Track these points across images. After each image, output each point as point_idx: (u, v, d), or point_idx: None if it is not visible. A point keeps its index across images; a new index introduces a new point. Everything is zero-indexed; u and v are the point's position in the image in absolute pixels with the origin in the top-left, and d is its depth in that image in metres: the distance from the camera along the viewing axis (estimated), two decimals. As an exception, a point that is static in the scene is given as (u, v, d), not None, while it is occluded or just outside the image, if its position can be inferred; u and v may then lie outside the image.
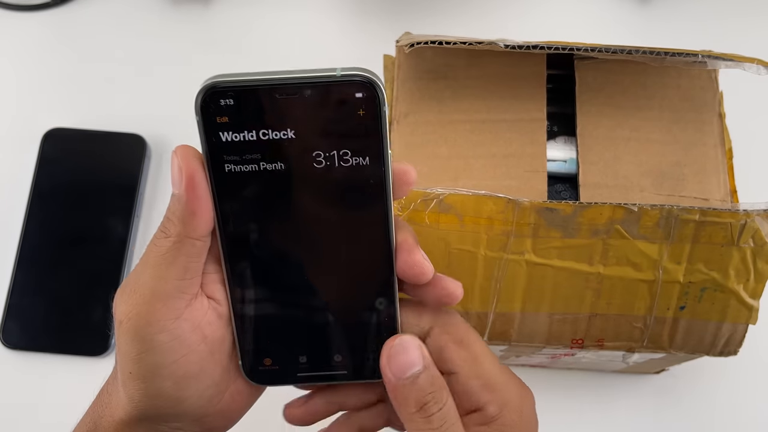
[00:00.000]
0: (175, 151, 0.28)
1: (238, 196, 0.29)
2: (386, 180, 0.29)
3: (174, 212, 0.29)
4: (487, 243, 0.39)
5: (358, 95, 0.27)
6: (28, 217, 0.55)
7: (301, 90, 0.27)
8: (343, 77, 0.27)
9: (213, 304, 0.31)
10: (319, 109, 0.27)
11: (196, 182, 0.28)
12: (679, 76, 0.44)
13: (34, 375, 0.53)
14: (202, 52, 0.62)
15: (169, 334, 0.29)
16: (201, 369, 0.30)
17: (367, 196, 0.29)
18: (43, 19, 0.62)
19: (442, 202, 0.38)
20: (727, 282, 0.39)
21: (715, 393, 0.53)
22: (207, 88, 0.27)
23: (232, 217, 0.29)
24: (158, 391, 0.29)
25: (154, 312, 0.28)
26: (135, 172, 0.57)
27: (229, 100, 0.27)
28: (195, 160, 0.28)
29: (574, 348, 0.42)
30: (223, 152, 0.28)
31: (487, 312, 0.40)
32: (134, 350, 0.29)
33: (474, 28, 0.62)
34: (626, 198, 0.41)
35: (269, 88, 0.27)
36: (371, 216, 0.30)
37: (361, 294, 0.31)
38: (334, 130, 0.28)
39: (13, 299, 0.54)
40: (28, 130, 0.58)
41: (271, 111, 0.27)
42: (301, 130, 0.28)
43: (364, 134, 0.28)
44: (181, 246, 0.28)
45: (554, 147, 0.43)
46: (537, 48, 0.39)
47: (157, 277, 0.29)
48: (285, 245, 0.30)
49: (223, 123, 0.27)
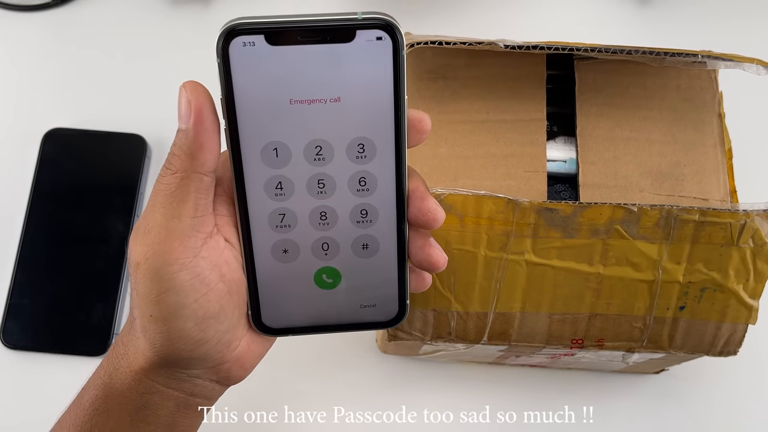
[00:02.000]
0: (183, 85, 0.28)
1: (256, 138, 0.29)
2: (402, 124, 0.29)
3: (181, 147, 0.28)
4: (487, 243, 0.39)
5: (378, 39, 0.27)
6: (28, 217, 0.55)
7: (323, 33, 0.27)
8: (364, 20, 0.27)
9: (229, 246, 0.30)
10: (338, 51, 0.28)
11: (205, 115, 0.28)
12: (679, 76, 0.44)
13: (34, 375, 0.53)
14: (202, 52, 0.62)
15: (189, 272, 0.28)
16: (221, 308, 0.30)
17: (381, 139, 0.29)
18: (43, 19, 0.62)
19: (442, 202, 0.38)
20: (727, 282, 0.39)
21: (715, 393, 0.53)
22: (228, 29, 0.28)
23: (248, 158, 0.29)
24: (180, 333, 0.29)
25: (172, 250, 0.28)
26: (135, 172, 0.57)
27: (251, 42, 0.27)
28: (203, 95, 0.28)
29: (573, 348, 0.42)
30: (243, 94, 0.28)
31: (486, 312, 0.40)
32: (154, 291, 0.29)
33: (474, 28, 0.62)
34: (626, 198, 0.41)
35: (291, 30, 0.27)
36: (385, 161, 0.30)
37: (370, 241, 0.31)
38: (352, 73, 0.28)
39: (13, 299, 0.54)
40: (28, 130, 0.58)
41: (290, 53, 0.27)
42: (320, 72, 0.28)
43: (383, 77, 0.28)
44: (190, 182, 0.28)
45: (554, 147, 0.43)
46: (537, 48, 0.39)
47: (170, 215, 0.28)
48: (298, 188, 0.30)
49: (243, 65, 0.28)
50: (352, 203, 0.31)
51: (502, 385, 0.53)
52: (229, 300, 0.30)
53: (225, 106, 0.28)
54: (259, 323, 0.32)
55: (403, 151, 0.30)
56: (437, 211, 0.30)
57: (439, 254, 0.32)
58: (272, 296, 0.32)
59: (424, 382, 0.53)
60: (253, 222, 0.30)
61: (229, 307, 0.30)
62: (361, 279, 0.32)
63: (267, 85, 0.28)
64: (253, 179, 0.30)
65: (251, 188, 0.30)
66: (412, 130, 0.30)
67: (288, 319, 0.33)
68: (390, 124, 0.29)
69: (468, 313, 0.40)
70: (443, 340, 0.41)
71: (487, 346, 0.42)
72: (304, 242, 0.31)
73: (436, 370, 0.53)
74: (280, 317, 0.32)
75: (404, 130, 0.29)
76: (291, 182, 0.30)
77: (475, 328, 0.41)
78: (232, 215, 0.31)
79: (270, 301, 0.32)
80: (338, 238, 0.31)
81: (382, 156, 0.30)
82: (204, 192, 0.29)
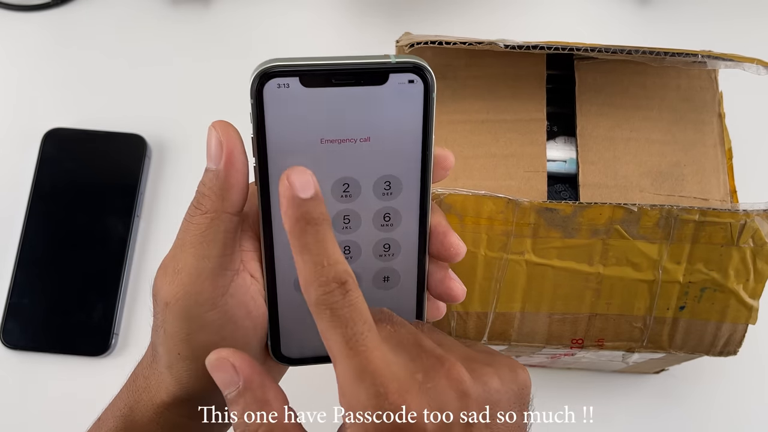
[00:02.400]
0: (213, 125, 0.28)
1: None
2: (428, 162, 0.30)
3: (210, 187, 0.28)
4: (487, 243, 0.39)
5: (410, 82, 0.28)
6: (28, 217, 0.55)
7: (357, 76, 0.28)
8: (397, 63, 0.28)
9: (254, 281, 0.31)
10: (371, 94, 0.28)
11: (236, 156, 0.28)
12: (679, 76, 0.44)
13: (34, 375, 0.53)
14: (202, 53, 0.62)
15: (218, 312, 0.29)
16: (246, 344, 0.30)
17: (408, 177, 0.30)
18: (43, 19, 0.62)
19: (442, 202, 0.38)
20: (727, 282, 0.39)
21: (715, 393, 0.53)
22: (263, 72, 0.28)
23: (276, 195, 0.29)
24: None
25: (203, 291, 0.28)
26: (135, 172, 0.57)
27: (285, 84, 0.28)
28: (235, 135, 0.28)
29: (574, 348, 0.42)
30: (275, 134, 0.28)
31: (486, 312, 0.40)
32: (184, 330, 0.29)
33: (474, 28, 0.62)
34: (626, 198, 0.41)
35: (326, 73, 0.27)
36: (410, 197, 0.30)
37: (392, 273, 0.32)
38: (383, 115, 0.28)
39: (13, 299, 0.54)
40: (28, 130, 0.58)
41: (324, 95, 0.28)
42: (353, 113, 0.28)
43: (413, 118, 0.29)
44: (220, 222, 0.28)
45: (554, 147, 0.43)
46: (537, 48, 0.39)
47: (200, 255, 0.28)
48: None
49: (277, 106, 0.28)
50: (376, 238, 0.31)
51: (502, 385, 0.53)
52: (254, 335, 0.31)
53: (256, 145, 0.29)
54: (278, 354, 0.32)
55: (428, 187, 0.30)
56: (459, 246, 0.31)
57: (459, 286, 0.32)
58: (292, 328, 0.32)
59: (424, 382, 0.53)
60: (278, 257, 0.31)
61: (254, 343, 0.31)
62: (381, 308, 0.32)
63: (299, 126, 0.28)
64: (279, 216, 0.30)
65: (278, 225, 0.30)
66: (437, 167, 0.30)
67: (306, 349, 0.33)
68: (417, 163, 0.30)
69: (468, 313, 0.40)
70: (443, 340, 0.41)
71: (487, 346, 0.42)
72: None
73: (436, 370, 0.53)
74: (298, 347, 0.33)
75: (430, 168, 0.30)
76: None
77: (475, 327, 0.41)
78: (257, 250, 0.31)
79: (290, 332, 0.32)
80: (360, 271, 0.31)
81: (407, 193, 0.30)
82: (233, 231, 0.29)
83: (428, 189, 0.30)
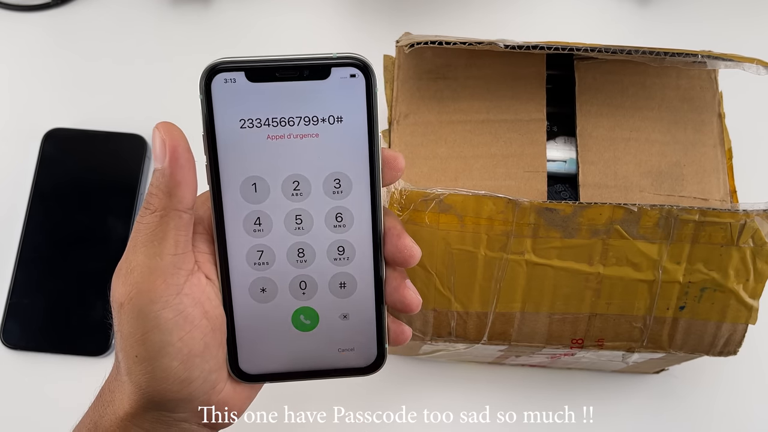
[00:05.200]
0: (156, 127, 0.29)
1: (235, 173, 0.30)
2: (375, 160, 0.30)
3: (158, 186, 0.29)
4: (487, 243, 0.39)
5: (352, 76, 0.29)
6: (28, 217, 0.55)
7: (299, 70, 0.29)
8: (338, 58, 0.29)
9: (210, 283, 0.31)
10: (314, 88, 0.29)
11: (180, 153, 0.29)
12: (679, 76, 0.44)
13: (34, 375, 0.53)
14: (202, 53, 0.62)
15: (172, 310, 0.29)
16: (205, 346, 0.30)
17: (357, 174, 0.30)
18: (43, 19, 0.62)
19: (442, 202, 0.38)
20: (727, 282, 0.39)
21: (715, 393, 0.53)
22: (210, 67, 0.29)
23: (227, 193, 0.30)
24: (165, 372, 0.29)
25: (155, 289, 0.28)
26: (135, 172, 0.57)
27: (232, 79, 0.28)
28: (177, 134, 0.29)
29: (574, 348, 0.42)
30: (224, 129, 0.29)
31: (486, 312, 0.40)
32: (139, 330, 0.29)
33: (474, 28, 0.62)
34: (626, 198, 0.41)
35: (269, 68, 0.28)
36: (360, 196, 0.30)
37: (348, 279, 0.32)
38: (328, 109, 0.29)
39: (13, 299, 0.54)
40: (28, 130, 0.58)
41: (269, 89, 0.29)
42: (296, 109, 0.29)
43: (357, 113, 0.29)
44: (169, 219, 0.29)
45: (554, 147, 0.43)
46: (537, 48, 0.39)
47: (152, 254, 0.29)
48: (276, 224, 0.31)
49: (224, 101, 0.29)
50: (329, 239, 0.31)
51: (502, 385, 0.53)
52: (213, 337, 0.30)
53: (206, 142, 0.29)
54: (236, 369, 0.32)
55: (378, 187, 0.30)
56: (413, 248, 0.31)
57: (414, 296, 0.32)
58: (250, 340, 0.32)
59: (424, 382, 0.53)
60: (231, 259, 0.31)
61: (213, 345, 0.31)
62: (338, 320, 0.32)
63: (247, 121, 0.29)
64: (232, 214, 0.30)
65: (230, 224, 0.30)
66: (387, 168, 0.31)
67: (265, 364, 0.32)
68: (365, 160, 0.30)
69: (468, 313, 0.40)
70: (443, 340, 0.41)
71: (487, 346, 0.42)
72: (282, 280, 0.31)
73: (436, 370, 0.53)
74: (256, 363, 0.32)
75: (378, 166, 0.30)
76: (269, 218, 0.31)
77: (475, 327, 0.41)
78: (212, 252, 0.31)
79: (248, 345, 0.32)
80: (316, 276, 0.32)
81: (357, 192, 0.30)
82: (183, 229, 0.29)
83: (378, 189, 0.30)
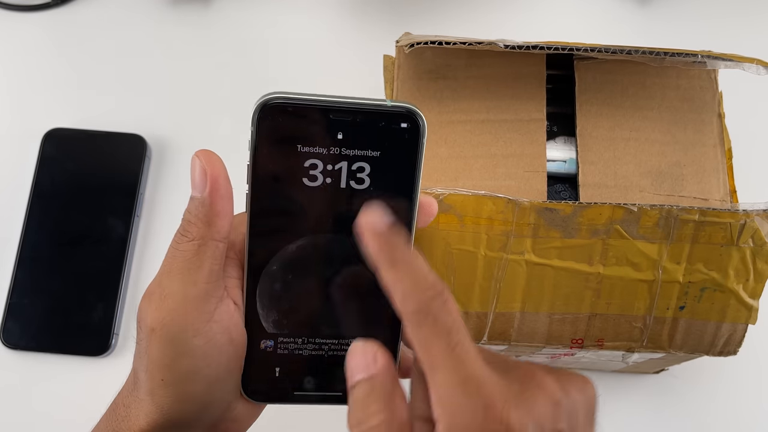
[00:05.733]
0: (197, 154, 0.29)
1: (273, 209, 0.30)
2: (413, 209, 0.30)
3: (197, 215, 0.29)
4: (487, 243, 0.39)
5: (403, 125, 0.29)
6: (28, 217, 0.55)
7: (352, 114, 0.28)
8: (392, 107, 0.29)
9: (237, 308, 0.31)
10: (365, 134, 0.29)
11: (221, 184, 0.29)
12: (679, 76, 0.44)
13: (34, 375, 0.53)
14: (202, 53, 0.62)
15: (203, 338, 0.29)
16: (228, 372, 0.30)
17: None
18: (43, 19, 0.62)
19: (441, 202, 0.38)
20: (727, 282, 0.39)
21: (715, 393, 0.53)
22: (264, 102, 0.28)
23: (264, 228, 0.30)
24: (190, 396, 0.29)
25: (188, 317, 0.29)
26: (135, 172, 0.57)
27: (284, 115, 0.28)
28: (218, 164, 0.29)
29: (573, 348, 0.42)
30: (270, 163, 0.29)
31: (486, 312, 0.40)
32: (169, 356, 0.29)
33: (474, 28, 0.62)
34: (626, 198, 0.41)
35: (323, 109, 0.28)
36: None
37: (365, 320, 0.32)
38: (375, 154, 0.29)
39: (13, 299, 0.54)
40: (28, 130, 0.58)
41: (319, 130, 0.29)
42: (344, 151, 0.29)
43: (402, 163, 0.29)
44: (207, 249, 0.29)
45: (554, 147, 0.43)
46: (537, 48, 0.39)
47: (187, 281, 0.29)
48: (305, 265, 0.31)
49: (273, 135, 0.29)
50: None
51: (502, 385, 0.53)
52: (237, 362, 0.31)
53: (251, 173, 0.29)
54: (248, 390, 0.32)
55: (412, 232, 0.30)
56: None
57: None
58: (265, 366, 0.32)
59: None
60: (255, 293, 0.31)
61: (236, 369, 0.31)
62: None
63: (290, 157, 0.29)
64: (265, 248, 0.30)
65: (260, 259, 0.30)
66: (422, 213, 0.31)
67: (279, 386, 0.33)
68: (405, 207, 0.30)
69: (468, 313, 0.40)
70: (443, 340, 0.41)
71: (487, 346, 0.42)
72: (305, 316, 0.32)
73: (436, 370, 0.53)
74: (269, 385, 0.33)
75: (415, 214, 0.30)
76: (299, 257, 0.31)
77: (475, 328, 0.41)
78: (240, 277, 0.31)
79: (263, 370, 0.32)
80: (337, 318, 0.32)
81: None
82: (218, 258, 0.29)
83: (412, 233, 0.30)
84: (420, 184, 0.30)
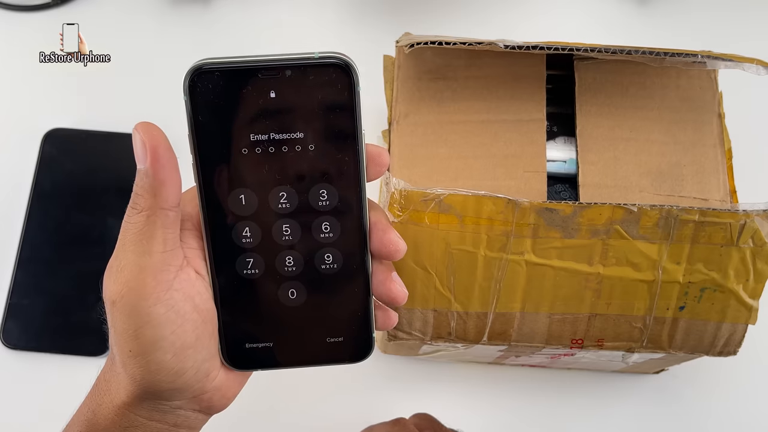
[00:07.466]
0: (135, 128, 0.30)
1: (221, 173, 0.30)
2: (360, 160, 0.30)
3: (142, 186, 0.30)
4: (487, 243, 0.39)
5: (334, 76, 0.29)
6: (28, 217, 0.55)
7: (281, 70, 0.29)
8: (320, 59, 0.29)
9: (200, 277, 0.31)
10: (297, 88, 0.29)
11: (160, 153, 0.29)
12: (679, 76, 0.44)
13: (34, 375, 0.53)
14: (202, 53, 0.62)
15: (163, 305, 0.29)
16: (197, 338, 0.31)
17: (341, 175, 0.30)
18: (43, 19, 0.62)
19: (441, 202, 0.38)
20: (727, 282, 0.39)
21: (714, 393, 0.53)
22: (194, 68, 0.29)
23: (214, 193, 0.30)
24: (159, 365, 0.30)
25: (146, 286, 0.29)
26: (135, 172, 0.57)
27: (215, 80, 0.29)
28: (157, 134, 0.29)
29: (573, 348, 0.42)
30: (208, 130, 0.29)
31: (486, 312, 0.40)
32: (132, 327, 0.29)
33: (474, 28, 0.62)
34: (626, 198, 0.41)
35: (251, 69, 0.29)
36: (345, 195, 0.31)
37: (335, 275, 0.32)
38: (311, 109, 0.29)
39: (13, 299, 0.54)
40: (28, 130, 0.58)
41: (251, 90, 0.29)
42: (279, 109, 0.29)
43: (340, 114, 0.29)
44: (156, 218, 0.29)
45: (554, 147, 0.43)
46: (537, 48, 0.39)
47: (141, 252, 0.29)
48: (261, 224, 0.31)
49: (208, 102, 0.29)
50: (317, 244, 0.31)
51: (502, 385, 0.53)
52: (204, 329, 0.31)
53: (193, 143, 0.30)
54: (228, 357, 0.33)
55: (363, 183, 0.31)
56: (399, 243, 0.32)
57: (400, 289, 0.32)
58: (240, 329, 0.32)
59: (424, 382, 0.53)
60: (218, 257, 0.31)
61: (205, 336, 0.31)
62: (326, 312, 0.33)
63: (228, 122, 0.29)
64: (219, 214, 0.31)
65: (217, 224, 0.31)
66: (372, 163, 0.31)
67: (257, 352, 0.33)
68: (351, 159, 0.30)
69: (468, 313, 0.40)
70: (443, 340, 0.41)
71: (487, 346, 0.42)
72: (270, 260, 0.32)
73: (436, 370, 0.53)
74: (248, 351, 0.33)
75: (363, 163, 0.30)
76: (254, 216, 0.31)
77: (475, 328, 0.41)
78: (201, 248, 0.32)
79: (238, 334, 0.33)
80: (304, 274, 0.32)
81: (345, 191, 0.31)
82: (171, 226, 0.30)
83: (363, 185, 0.31)
84: (364, 134, 0.30)
